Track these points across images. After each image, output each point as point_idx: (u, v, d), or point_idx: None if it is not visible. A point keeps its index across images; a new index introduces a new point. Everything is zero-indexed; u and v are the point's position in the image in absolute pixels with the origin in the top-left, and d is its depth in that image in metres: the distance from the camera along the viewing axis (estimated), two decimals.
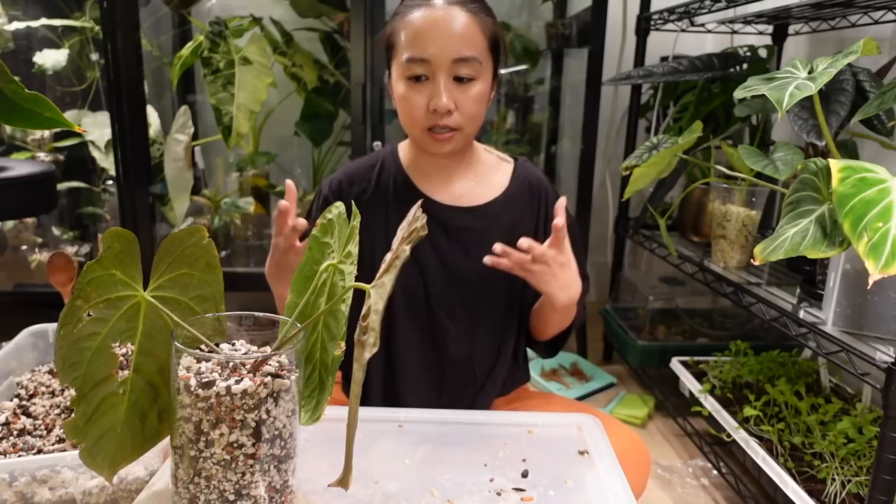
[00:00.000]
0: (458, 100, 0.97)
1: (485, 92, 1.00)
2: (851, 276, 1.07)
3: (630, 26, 2.42)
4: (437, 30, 0.95)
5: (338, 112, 2.27)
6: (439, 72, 0.96)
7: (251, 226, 2.35)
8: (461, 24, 0.95)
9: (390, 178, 1.09)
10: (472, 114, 0.99)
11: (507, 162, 1.13)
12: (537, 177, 1.13)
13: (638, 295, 2.16)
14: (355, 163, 1.15)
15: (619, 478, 0.76)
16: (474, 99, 0.98)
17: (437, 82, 0.96)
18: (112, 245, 0.60)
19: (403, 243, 0.57)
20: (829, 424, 1.35)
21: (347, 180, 1.11)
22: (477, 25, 0.97)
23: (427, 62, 0.95)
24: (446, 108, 0.96)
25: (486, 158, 1.13)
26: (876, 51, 1.01)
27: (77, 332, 0.60)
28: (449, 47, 0.95)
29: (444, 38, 0.95)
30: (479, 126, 1.04)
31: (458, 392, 1.09)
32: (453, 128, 0.98)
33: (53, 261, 1.16)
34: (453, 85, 0.97)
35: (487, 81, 1.00)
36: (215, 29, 1.86)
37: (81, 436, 0.62)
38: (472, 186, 1.09)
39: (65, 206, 2.34)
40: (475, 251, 1.06)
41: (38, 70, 2.11)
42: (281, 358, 0.65)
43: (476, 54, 0.96)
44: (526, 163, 1.14)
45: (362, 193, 1.09)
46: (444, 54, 0.95)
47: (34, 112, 0.54)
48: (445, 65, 0.95)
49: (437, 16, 0.96)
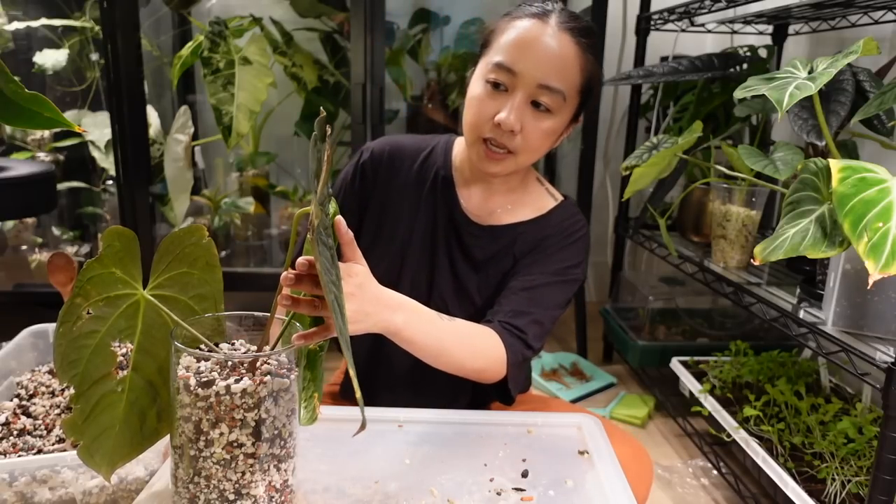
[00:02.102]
0: (527, 125, 0.92)
1: (556, 130, 0.96)
2: (851, 276, 1.07)
3: (630, 26, 2.42)
4: (537, 47, 0.90)
5: (338, 112, 2.27)
6: (520, 89, 0.91)
7: (251, 226, 2.35)
8: (563, 52, 0.91)
9: (433, 170, 1.06)
10: (535, 145, 0.95)
11: (553, 199, 1.08)
12: (572, 223, 1.05)
13: (638, 295, 2.16)
14: (406, 138, 1.10)
15: (619, 478, 0.76)
16: (543, 131, 0.94)
17: (514, 98, 0.91)
18: (112, 243, 0.60)
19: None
20: (829, 424, 1.34)
21: (390, 153, 1.06)
22: (578, 60, 0.92)
23: (514, 74, 0.91)
24: (510, 127, 0.91)
25: (535, 188, 1.08)
26: (876, 51, 1.01)
27: (76, 330, 0.60)
28: (541, 69, 0.90)
29: (539, 59, 0.90)
30: (536, 159, 0.99)
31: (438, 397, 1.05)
32: (510, 150, 0.94)
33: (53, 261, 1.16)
34: (529, 108, 0.92)
35: (564, 121, 0.96)
36: (215, 29, 1.86)
37: (80, 433, 0.62)
38: (509, 210, 1.05)
39: (65, 206, 2.34)
40: (483, 270, 1.05)
41: (38, 70, 2.11)
42: (280, 357, 0.65)
43: (564, 88, 0.92)
44: (572, 207, 1.08)
45: (401, 174, 1.05)
46: (533, 74, 0.90)
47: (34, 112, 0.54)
48: (530, 85, 0.91)
49: (543, 33, 0.91)
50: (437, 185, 1.05)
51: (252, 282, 2.10)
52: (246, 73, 1.82)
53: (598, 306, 2.37)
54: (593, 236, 2.52)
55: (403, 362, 0.98)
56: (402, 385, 1.08)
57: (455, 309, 1.05)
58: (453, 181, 1.05)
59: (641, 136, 2.17)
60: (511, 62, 0.91)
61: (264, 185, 2.34)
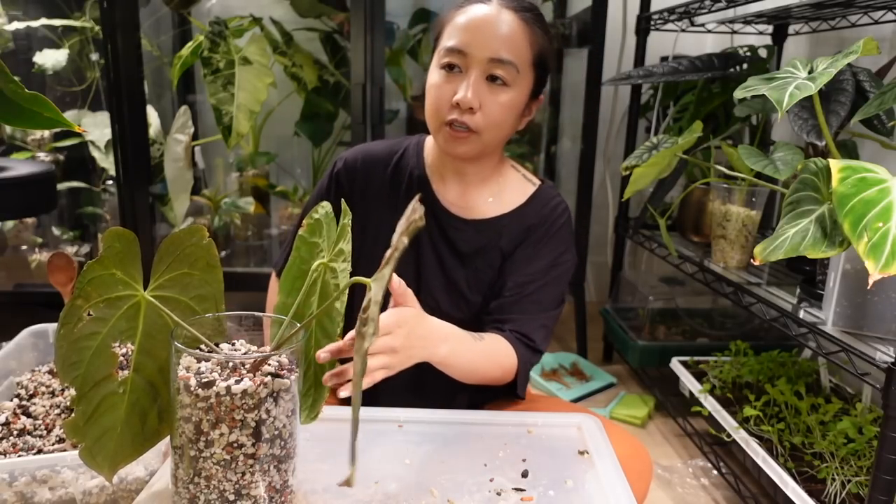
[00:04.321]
0: (485, 101, 0.95)
1: (516, 103, 0.98)
2: (851, 276, 1.07)
3: (630, 26, 2.42)
4: (484, 26, 0.94)
5: (338, 112, 2.27)
6: (474, 66, 0.94)
7: (251, 226, 2.35)
8: (508, 26, 0.94)
9: (407, 171, 1.07)
10: (496, 120, 0.96)
11: (531, 184, 1.10)
12: (552, 207, 1.07)
13: (638, 295, 2.16)
14: (377, 144, 1.12)
15: (619, 478, 0.76)
16: (502, 105, 0.96)
17: (469, 76, 0.94)
18: (112, 245, 0.60)
19: (402, 235, 0.57)
20: (829, 424, 1.34)
21: (364, 161, 1.08)
22: (524, 34, 0.95)
23: (464, 54, 0.94)
24: (469, 104, 0.93)
25: (510, 175, 1.10)
26: (876, 51, 1.01)
27: (77, 332, 0.60)
28: (489, 44, 0.93)
29: (487, 36, 0.94)
30: (502, 138, 1.01)
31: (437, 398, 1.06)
32: (472, 128, 0.96)
33: (53, 261, 1.16)
34: (485, 84, 0.95)
35: (522, 94, 0.98)
36: (215, 29, 1.86)
37: (81, 435, 0.62)
38: (490, 202, 1.06)
39: (65, 206, 2.34)
40: (471, 264, 1.06)
41: (38, 70, 2.11)
42: (280, 358, 0.65)
43: (514, 60, 0.94)
44: (550, 190, 1.10)
45: (375, 179, 1.07)
46: (482, 50, 0.93)
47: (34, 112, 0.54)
48: (481, 61, 0.94)
49: (486, 12, 0.95)
50: (413, 184, 1.06)
51: (252, 282, 2.10)
52: (246, 73, 1.82)
53: (598, 306, 2.37)
54: (593, 236, 2.52)
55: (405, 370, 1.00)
56: (402, 388, 1.08)
57: (446, 304, 1.06)
58: (428, 178, 1.07)
59: (641, 136, 2.17)
60: (461, 44, 0.94)
61: (264, 185, 2.34)
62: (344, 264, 0.69)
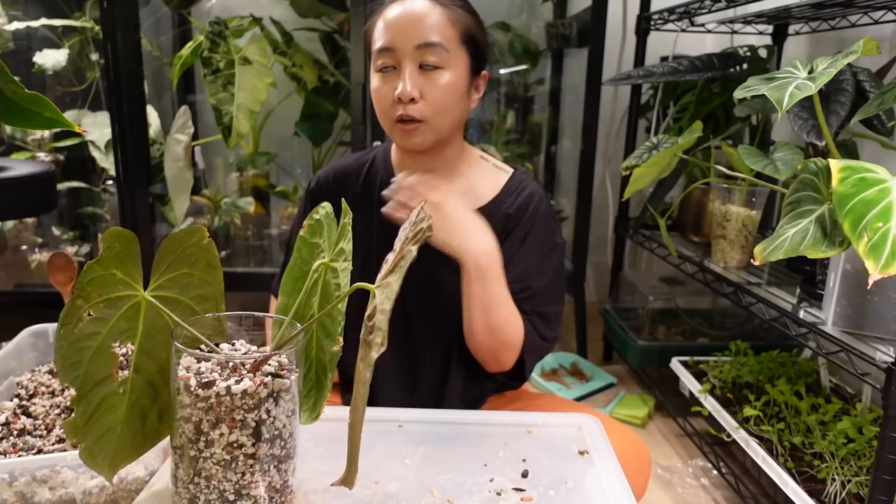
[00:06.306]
0: (424, 88, 0.96)
1: (455, 83, 0.98)
2: (851, 276, 1.07)
3: (630, 26, 2.42)
4: (401, 18, 0.96)
5: (338, 112, 2.27)
6: (404, 59, 0.96)
7: (251, 226, 2.34)
8: (425, 11, 0.96)
9: (377, 178, 1.08)
10: (441, 105, 0.97)
11: (503, 172, 1.09)
12: (528, 195, 1.07)
13: (638, 295, 2.16)
14: (346, 159, 1.14)
15: (619, 478, 0.76)
16: (442, 88, 0.97)
17: (403, 71, 0.96)
18: (112, 245, 0.60)
19: (409, 244, 0.57)
20: (829, 424, 1.35)
21: (335, 176, 1.11)
22: (445, 16, 0.97)
23: (392, 50, 0.96)
24: (409, 96, 0.95)
25: (480, 166, 1.09)
26: (876, 51, 1.01)
27: (77, 332, 0.60)
28: (412, 33, 0.95)
29: (407, 27, 0.96)
30: (453, 122, 1.01)
31: (429, 395, 1.08)
32: (419, 118, 0.97)
33: (53, 261, 1.16)
34: (420, 73, 0.96)
35: (460, 74, 0.99)
36: (215, 29, 1.86)
37: (81, 435, 0.62)
38: (464, 196, 1.05)
39: (65, 206, 2.34)
40: (451, 259, 1.05)
41: (38, 70, 2.11)
42: (281, 358, 0.65)
43: (441, 41, 0.96)
44: (523, 176, 1.09)
45: (349, 191, 1.09)
46: (407, 41, 0.95)
47: (34, 112, 0.54)
48: (409, 51, 0.96)
49: (402, 6, 0.97)
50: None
51: (252, 282, 2.10)
52: (246, 73, 1.82)
53: (598, 306, 2.37)
54: (593, 236, 2.52)
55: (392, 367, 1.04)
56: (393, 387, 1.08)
57: (430, 301, 1.06)
58: None
59: (641, 136, 2.17)
60: (387, 42, 0.97)
61: (264, 185, 2.34)
62: (345, 263, 0.69)
